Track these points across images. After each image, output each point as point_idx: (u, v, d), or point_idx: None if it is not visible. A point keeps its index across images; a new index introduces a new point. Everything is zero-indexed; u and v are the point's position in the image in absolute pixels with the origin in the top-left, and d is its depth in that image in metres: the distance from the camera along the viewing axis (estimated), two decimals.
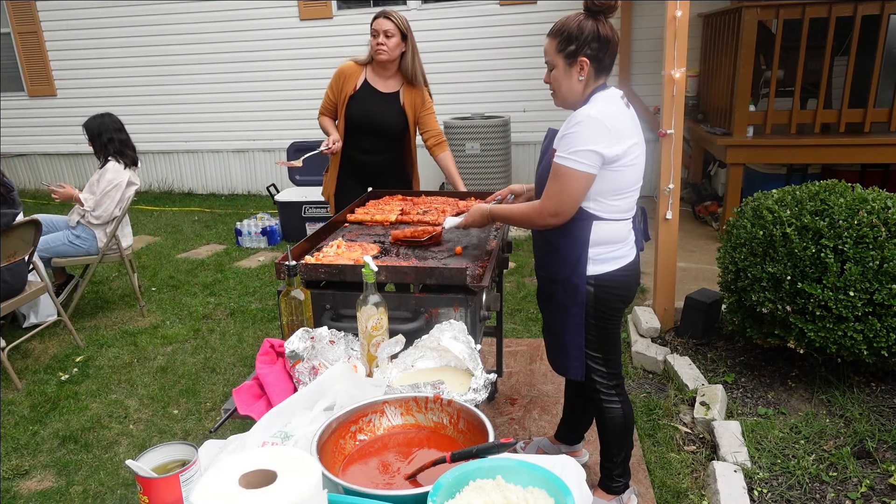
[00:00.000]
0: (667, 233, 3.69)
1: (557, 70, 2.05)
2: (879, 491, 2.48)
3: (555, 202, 2.02)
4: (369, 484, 1.20)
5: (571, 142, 1.96)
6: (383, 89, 3.29)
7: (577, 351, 2.23)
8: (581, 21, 2.00)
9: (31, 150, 8.58)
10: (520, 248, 5.61)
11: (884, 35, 4.50)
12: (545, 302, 2.32)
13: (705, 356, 3.59)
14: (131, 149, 4.39)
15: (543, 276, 2.29)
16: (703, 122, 5.88)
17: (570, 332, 2.21)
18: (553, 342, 2.33)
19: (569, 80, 2.05)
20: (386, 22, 3.14)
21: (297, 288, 1.74)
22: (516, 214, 2.18)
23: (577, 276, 2.12)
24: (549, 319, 2.33)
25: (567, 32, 2.00)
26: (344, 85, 3.28)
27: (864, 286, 2.80)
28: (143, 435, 3.19)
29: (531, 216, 2.11)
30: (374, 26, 3.17)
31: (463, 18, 7.03)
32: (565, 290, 2.16)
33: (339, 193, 3.46)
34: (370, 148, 3.35)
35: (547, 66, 2.10)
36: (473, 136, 6.26)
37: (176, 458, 1.16)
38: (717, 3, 5.94)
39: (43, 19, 7.99)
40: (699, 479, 2.69)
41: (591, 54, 2.00)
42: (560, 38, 2.02)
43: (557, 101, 2.16)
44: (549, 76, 2.11)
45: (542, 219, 2.06)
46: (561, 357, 2.30)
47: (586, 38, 1.98)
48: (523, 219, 2.16)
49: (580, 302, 2.15)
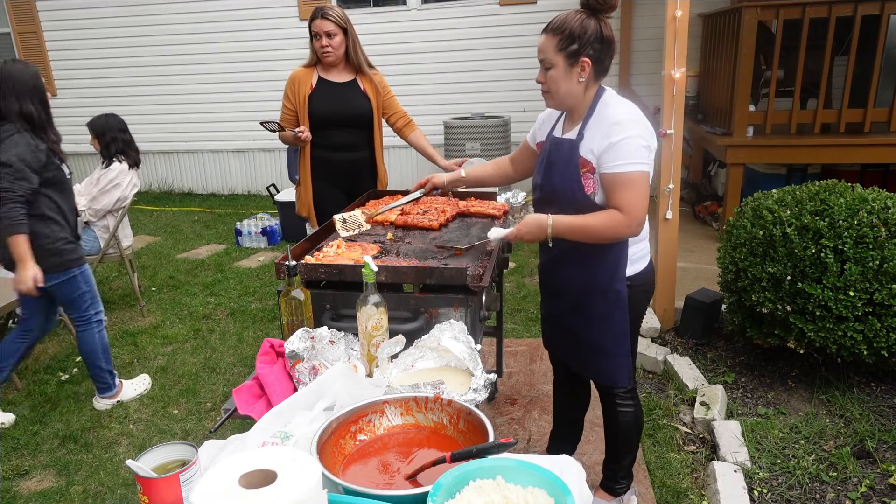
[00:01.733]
0: (667, 233, 3.69)
1: (556, 70, 1.96)
2: (879, 491, 2.48)
3: (641, 210, 1.91)
4: (369, 484, 1.19)
5: (631, 147, 1.88)
6: (340, 80, 3.24)
7: (625, 357, 2.15)
8: (583, 20, 1.92)
9: None
10: (520, 248, 5.61)
11: (884, 35, 4.49)
12: (577, 316, 2.17)
13: (705, 356, 3.59)
14: (134, 149, 4.39)
15: (573, 290, 2.15)
16: (703, 122, 5.87)
17: (617, 339, 2.12)
18: (590, 353, 2.20)
19: (568, 81, 1.97)
20: (326, 23, 3.07)
21: (297, 288, 1.74)
22: (592, 228, 1.95)
23: (617, 280, 2.05)
24: (585, 334, 2.17)
25: (569, 31, 1.91)
26: (299, 88, 3.20)
27: (864, 286, 2.80)
28: (143, 435, 3.19)
29: (618, 230, 1.93)
30: (315, 28, 3.09)
31: (463, 18, 7.03)
32: (606, 298, 2.07)
33: (318, 204, 3.33)
34: (341, 143, 3.25)
35: (542, 65, 2.00)
36: (473, 136, 6.26)
37: (176, 458, 1.16)
38: (717, 3, 5.93)
39: (43, 19, 7.99)
40: (699, 479, 2.69)
41: (593, 55, 1.93)
42: (561, 36, 1.92)
43: (551, 103, 2.06)
44: (543, 75, 2.01)
45: (630, 231, 1.93)
46: (607, 367, 2.18)
47: (589, 38, 1.91)
48: (606, 231, 1.94)
49: (623, 307, 2.07)
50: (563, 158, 2.04)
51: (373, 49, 7.18)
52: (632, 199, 1.90)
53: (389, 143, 3.49)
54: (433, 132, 7.22)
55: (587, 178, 1.98)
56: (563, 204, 2.04)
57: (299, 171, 3.32)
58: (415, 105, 7.40)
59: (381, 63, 8.04)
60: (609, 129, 1.91)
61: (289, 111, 3.24)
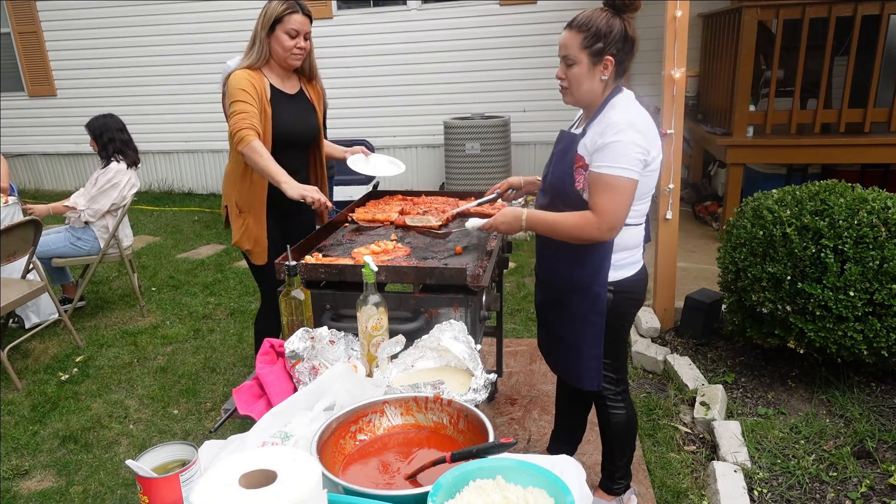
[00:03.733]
0: (667, 233, 3.69)
1: (580, 67, 1.94)
2: (879, 491, 2.48)
3: (614, 216, 1.90)
4: (369, 484, 1.19)
5: (619, 150, 1.88)
6: (291, 91, 2.72)
7: (596, 361, 2.14)
8: (609, 18, 1.91)
9: (31, 150, 8.58)
10: (520, 248, 5.61)
11: (884, 35, 4.49)
12: (556, 311, 2.20)
13: (705, 356, 3.59)
14: (133, 149, 4.39)
15: (557, 285, 2.17)
16: (703, 122, 5.88)
17: (589, 342, 2.12)
18: (564, 351, 2.23)
19: (591, 80, 1.95)
20: (307, 22, 2.57)
21: (297, 288, 1.74)
22: (561, 227, 1.99)
23: (598, 283, 2.05)
24: (560, 328, 2.20)
25: (595, 28, 1.89)
26: (261, 94, 2.57)
27: (864, 286, 2.80)
28: (143, 435, 3.19)
29: (587, 231, 1.93)
30: (295, 26, 2.53)
31: (463, 18, 7.02)
32: (585, 299, 2.07)
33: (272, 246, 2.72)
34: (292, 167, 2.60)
35: (563, 61, 1.97)
36: (473, 136, 6.26)
37: (176, 458, 1.16)
38: (717, 3, 5.94)
39: (43, 19, 7.99)
40: (699, 479, 2.69)
41: (616, 55, 1.93)
42: (587, 34, 1.90)
43: (569, 100, 2.03)
44: (564, 71, 1.98)
45: (600, 234, 1.93)
46: (574, 366, 2.20)
47: (615, 37, 1.90)
48: (574, 231, 1.96)
49: (600, 311, 2.07)
50: (563, 151, 2.07)
51: (373, 49, 7.26)
52: (606, 203, 1.90)
53: (389, 142, 3.47)
54: (433, 132, 7.23)
55: (579, 173, 1.99)
56: (555, 196, 2.07)
57: (244, 198, 2.68)
58: (415, 105, 7.44)
59: (381, 63, 8.08)
60: (605, 128, 1.92)
61: (256, 117, 2.50)
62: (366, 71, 7.28)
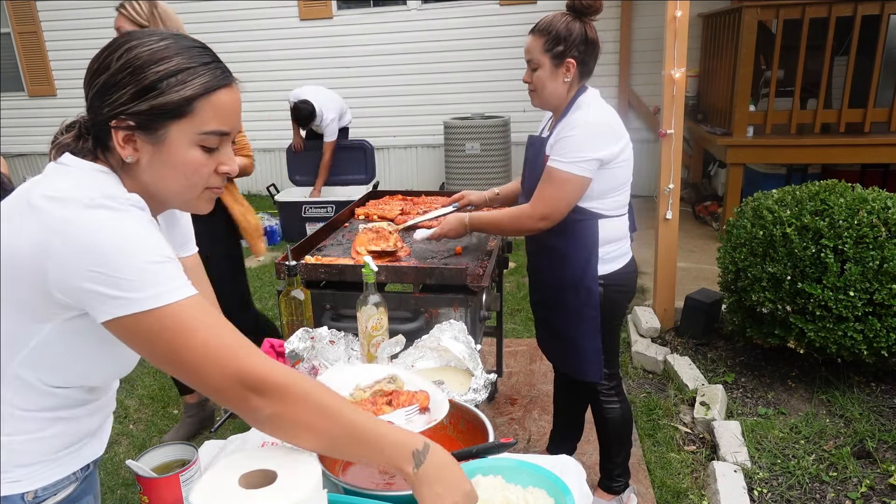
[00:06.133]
0: (667, 233, 3.69)
1: (543, 70, 2.02)
2: (879, 491, 2.48)
3: (548, 206, 1.99)
4: (369, 484, 1.19)
5: (571, 146, 1.94)
6: None
7: (596, 353, 2.18)
8: (569, 22, 1.98)
9: (31, 150, 8.58)
10: (520, 248, 5.60)
11: (884, 35, 4.49)
12: (551, 308, 2.24)
13: (705, 356, 3.59)
14: None
15: (549, 283, 2.21)
16: (703, 122, 5.88)
17: (587, 335, 2.16)
18: (564, 346, 2.26)
19: (554, 82, 2.03)
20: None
21: (297, 288, 1.74)
22: (503, 221, 2.11)
23: (588, 278, 2.08)
24: (557, 325, 2.25)
25: (555, 32, 1.97)
26: None
27: (864, 286, 2.80)
28: (143, 435, 3.19)
29: (522, 221, 2.05)
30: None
31: (463, 18, 7.02)
32: (577, 295, 2.11)
33: None
34: None
35: (529, 65, 2.06)
36: (473, 136, 6.26)
37: (176, 458, 1.16)
38: (717, 3, 5.93)
39: (43, 19, 7.99)
40: (699, 479, 2.69)
41: (577, 57, 1.99)
42: (547, 38, 1.99)
43: (536, 102, 2.12)
44: (530, 75, 2.06)
45: (532, 223, 2.02)
46: (576, 360, 2.23)
47: (574, 40, 1.97)
48: (512, 224, 2.09)
49: (595, 304, 2.11)
50: (534, 156, 2.14)
51: (373, 49, 7.26)
52: (545, 193, 1.99)
53: (389, 142, 3.46)
54: (433, 132, 7.23)
55: None
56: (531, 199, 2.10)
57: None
58: (415, 105, 7.44)
59: (380, 63, 8.06)
60: (563, 126, 1.99)
61: None
62: (366, 71, 7.27)
